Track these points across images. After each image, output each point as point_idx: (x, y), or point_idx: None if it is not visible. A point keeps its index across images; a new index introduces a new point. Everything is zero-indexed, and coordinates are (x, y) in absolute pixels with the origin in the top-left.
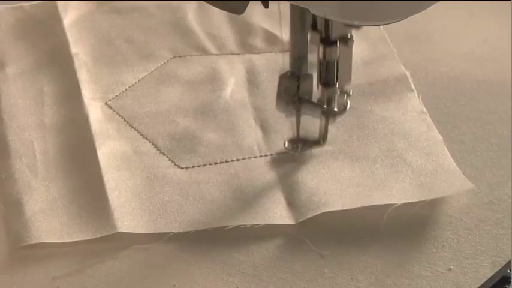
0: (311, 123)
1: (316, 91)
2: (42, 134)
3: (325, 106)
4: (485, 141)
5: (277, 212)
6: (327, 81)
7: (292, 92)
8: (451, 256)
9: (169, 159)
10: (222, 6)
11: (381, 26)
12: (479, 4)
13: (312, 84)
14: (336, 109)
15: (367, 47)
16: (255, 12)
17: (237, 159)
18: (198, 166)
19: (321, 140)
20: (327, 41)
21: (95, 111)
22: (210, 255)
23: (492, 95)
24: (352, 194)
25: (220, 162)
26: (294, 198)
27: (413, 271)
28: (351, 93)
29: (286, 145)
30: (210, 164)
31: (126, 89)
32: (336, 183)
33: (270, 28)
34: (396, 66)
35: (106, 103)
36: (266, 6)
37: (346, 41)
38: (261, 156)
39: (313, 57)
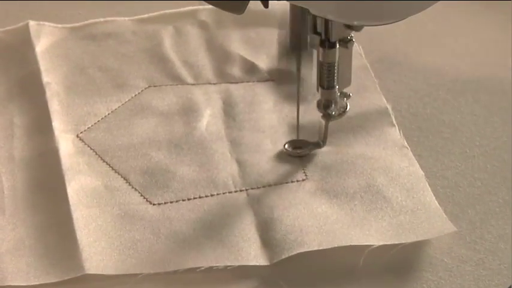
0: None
1: (316, 93)
2: (11, 168)
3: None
4: (469, 177)
5: (251, 252)
6: (327, 84)
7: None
8: None
9: (141, 195)
10: (221, 6)
11: (363, 54)
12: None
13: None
14: (335, 111)
15: None
16: (232, 39)
17: (211, 195)
18: (171, 202)
19: (320, 142)
20: (326, 43)
21: (65, 145)
22: None
23: (477, 127)
24: (329, 232)
25: (194, 198)
26: (269, 237)
27: None
28: (351, 95)
29: (287, 147)
30: (183, 200)
31: (98, 121)
32: (313, 220)
33: (248, 56)
34: (377, 99)
35: (77, 135)
36: (266, 6)
37: (346, 43)
38: (236, 191)
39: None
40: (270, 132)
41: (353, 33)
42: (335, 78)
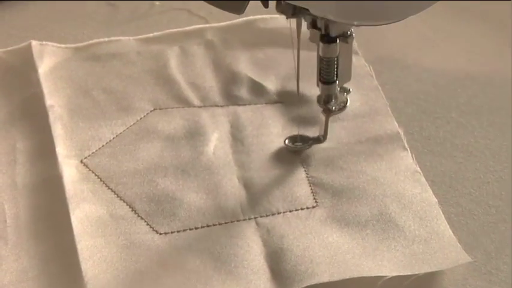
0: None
1: (317, 88)
2: (14, 195)
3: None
4: (483, 204)
5: (260, 285)
6: (327, 79)
7: None
8: None
9: (147, 224)
10: (221, 6)
11: (373, 75)
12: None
13: None
14: (336, 106)
15: (358, 98)
16: (240, 60)
17: (219, 224)
18: (178, 231)
19: (321, 137)
20: (327, 39)
21: (69, 171)
22: None
23: (491, 151)
24: (340, 263)
25: (201, 227)
26: (279, 268)
27: None
28: (351, 91)
29: (287, 142)
30: (190, 229)
31: (103, 145)
32: (324, 249)
33: (256, 77)
34: (389, 122)
35: (82, 161)
36: (266, 6)
37: (346, 37)
38: (244, 219)
39: None
40: (279, 156)
41: (353, 30)
42: (335, 73)
